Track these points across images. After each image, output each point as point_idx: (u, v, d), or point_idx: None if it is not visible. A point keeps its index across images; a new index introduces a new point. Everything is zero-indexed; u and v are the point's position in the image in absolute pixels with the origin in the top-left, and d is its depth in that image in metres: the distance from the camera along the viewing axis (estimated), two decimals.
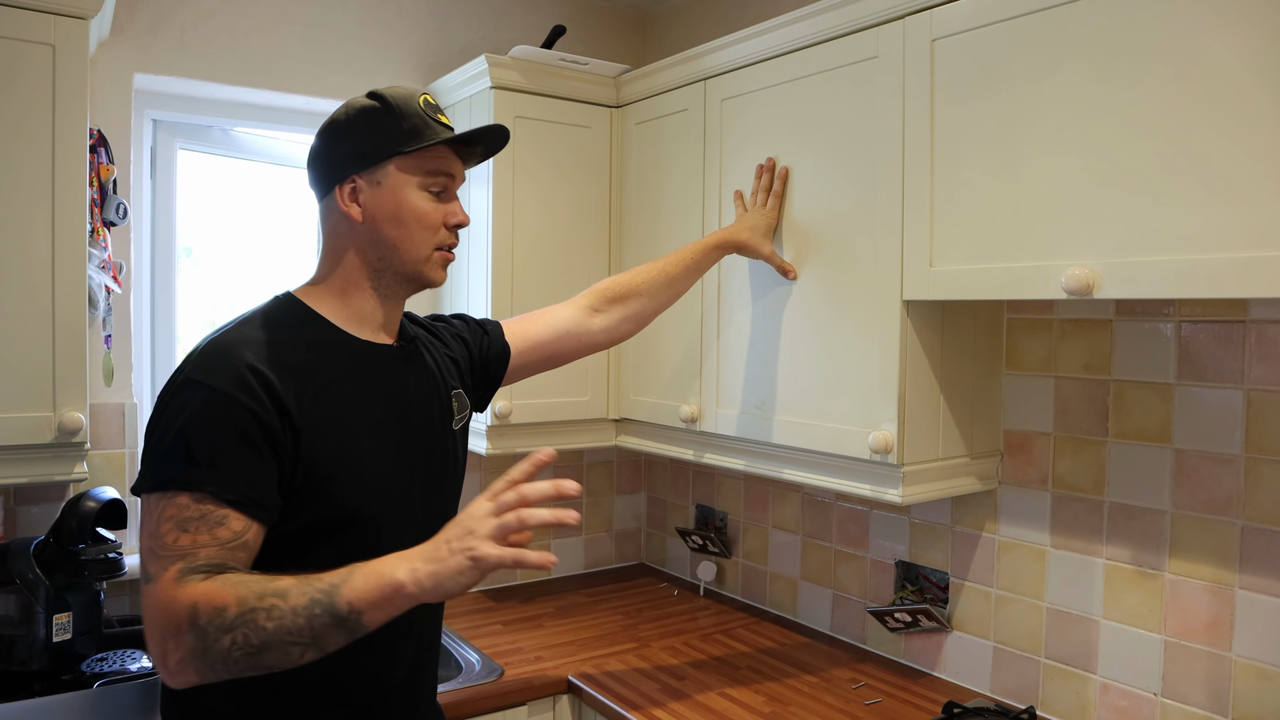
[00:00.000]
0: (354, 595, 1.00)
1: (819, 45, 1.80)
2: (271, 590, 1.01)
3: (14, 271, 1.65)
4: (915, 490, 1.70)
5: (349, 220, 1.26)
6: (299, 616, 1.00)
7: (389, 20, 2.42)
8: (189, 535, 1.06)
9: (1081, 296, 1.35)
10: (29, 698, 1.63)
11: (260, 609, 1.00)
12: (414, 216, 1.26)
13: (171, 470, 1.08)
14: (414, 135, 1.24)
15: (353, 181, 1.26)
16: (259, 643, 1.00)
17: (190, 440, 1.08)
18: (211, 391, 1.10)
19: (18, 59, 1.64)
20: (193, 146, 2.36)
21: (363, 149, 1.25)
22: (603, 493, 2.85)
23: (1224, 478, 1.56)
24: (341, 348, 1.26)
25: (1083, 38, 1.37)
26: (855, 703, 1.87)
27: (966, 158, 1.54)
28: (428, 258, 1.29)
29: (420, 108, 1.27)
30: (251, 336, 1.19)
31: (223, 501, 1.08)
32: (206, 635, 1.00)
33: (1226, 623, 1.55)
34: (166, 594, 1.03)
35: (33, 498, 2.01)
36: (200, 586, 1.02)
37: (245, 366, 1.13)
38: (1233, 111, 1.21)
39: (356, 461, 1.21)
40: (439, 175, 1.27)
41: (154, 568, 1.05)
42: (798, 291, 1.87)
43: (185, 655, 1.01)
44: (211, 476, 1.07)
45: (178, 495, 1.07)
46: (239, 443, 1.10)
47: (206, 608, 1.00)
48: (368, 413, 1.25)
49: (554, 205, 2.30)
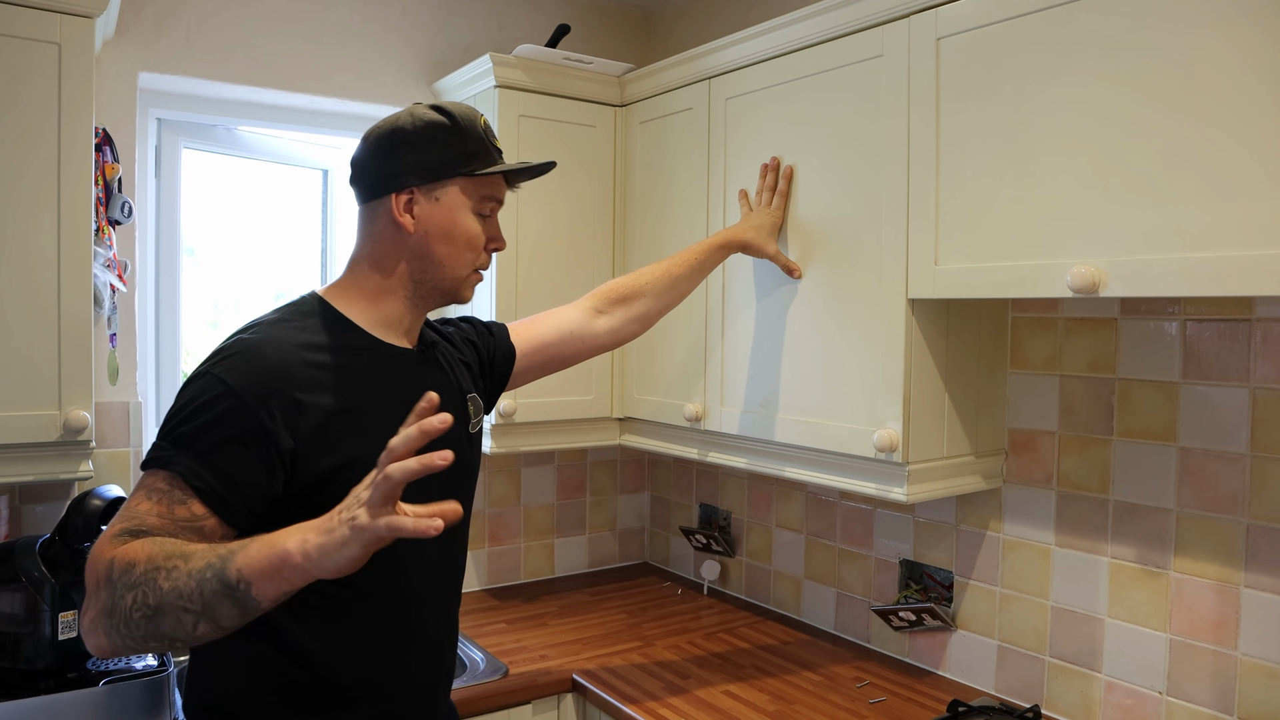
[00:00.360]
0: (245, 563, 0.93)
1: (823, 44, 1.80)
2: (179, 552, 0.97)
3: (19, 270, 1.65)
4: (920, 489, 1.70)
5: (399, 229, 1.27)
6: (191, 579, 0.94)
7: (393, 19, 2.42)
8: (149, 503, 1.06)
9: (1088, 295, 1.35)
10: (35, 695, 1.63)
11: (163, 569, 0.96)
12: (465, 236, 1.29)
13: (160, 452, 1.09)
14: (478, 158, 1.28)
15: (411, 193, 1.27)
16: (154, 604, 0.95)
17: (187, 427, 1.10)
18: (227, 390, 1.11)
19: (23, 57, 1.65)
20: (197, 145, 2.36)
21: (427, 163, 1.26)
22: (606, 492, 2.85)
23: (1229, 476, 1.55)
24: (368, 352, 1.27)
25: (1088, 36, 1.37)
26: (860, 701, 1.87)
27: (972, 156, 1.54)
28: (466, 277, 1.32)
29: (482, 131, 1.30)
30: (280, 339, 1.19)
31: (190, 486, 1.07)
32: (115, 591, 0.97)
33: (1232, 621, 1.55)
34: (97, 549, 1.02)
35: (38, 496, 2.02)
36: (125, 545, 1.00)
37: (262, 361, 1.14)
38: (1238, 110, 1.21)
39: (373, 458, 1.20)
40: (492, 200, 1.32)
41: (112, 527, 1.05)
42: (802, 290, 1.87)
43: (97, 613, 0.99)
44: (187, 461, 1.08)
45: (157, 473, 1.08)
46: (233, 444, 1.10)
47: (121, 563, 0.98)
48: (392, 417, 1.22)
49: (558, 204, 2.30)
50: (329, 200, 2.61)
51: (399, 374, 1.29)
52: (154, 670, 1.76)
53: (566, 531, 2.77)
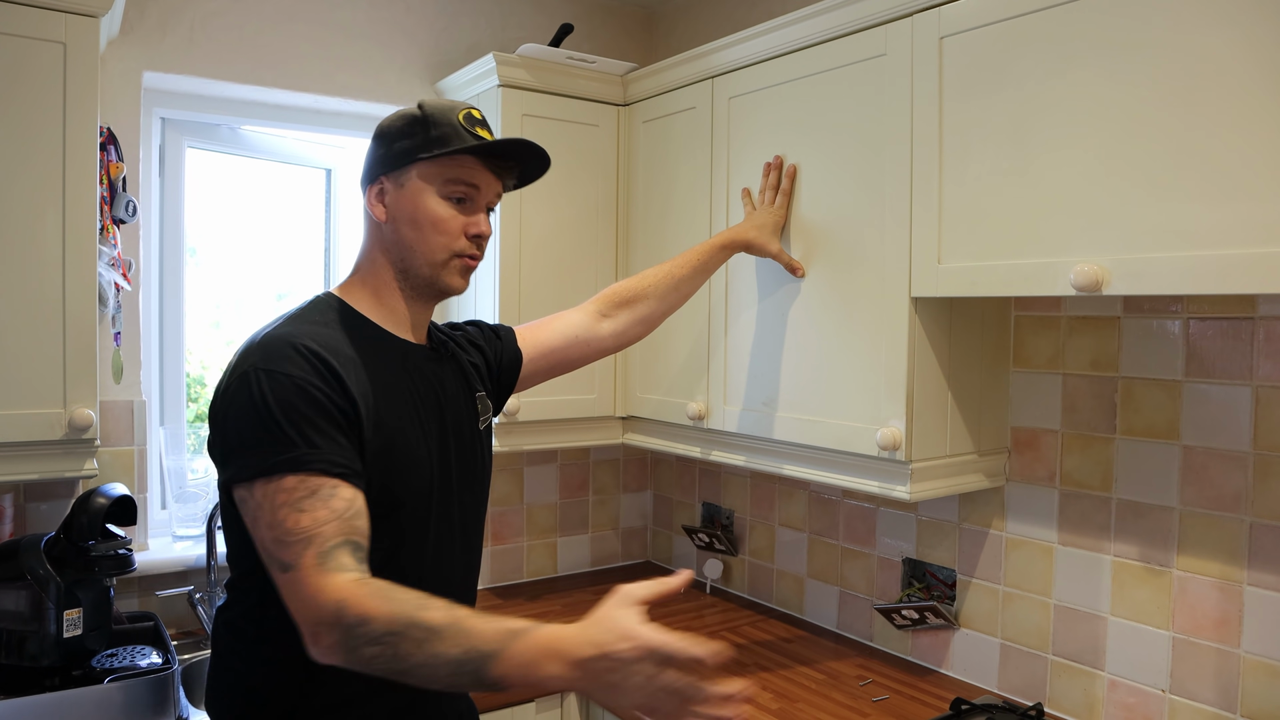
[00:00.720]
0: (506, 671, 0.96)
1: (827, 43, 1.80)
2: (424, 621, 0.99)
3: (25, 269, 1.66)
4: (923, 487, 1.70)
5: (376, 221, 1.31)
6: (448, 665, 0.97)
7: (397, 18, 2.42)
8: (308, 514, 1.07)
9: (1091, 293, 1.35)
10: (41, 693, 1.63)
11: (410, 638, 0.98)
12: (429, 220, 1.28)
13: (271, 456, 1.09)
14: (439, 142, 1.27)
15: (381, 183, 1.30)
16: (403, 668, 1.00)
17: (279, 423, 1.10)
18: (284, 376, 1.13)
19: (29, 57, 1.65)
20: (201, 145, 2.37)
21: (394, 152, 1.29)
22: (609, 490, 2.85)
23: (1232, 474, 1.56)
24: (386, 345, 1.30)
25: (1091, 35, 1.37)
26: (863, 699, 1.87)
27: (974, 155, 1.54)
28: (444, 262, 1.30)
29: (457, 119, 1.29)
30: (307, 331, 1.21)
31: (328, 475, 1.10)
32: (352, 638, 1.00)
33: (1235, 619, 1.55)
34: (311, 583, 1.03)
35: (43, 494, 2.02)
36: (349, 587, 1.02)
37: (311, 354, 1.16)
38: (1241, 108, 1.21)
39: (407, 454, 1.24)
40: (459, 184, 1.29)
41: (288, 555, 1.06)
42: (805, 289, 1.87)
43: (334, 645, 1.02)
44: (312, 454, 1.10)
45: (283, 479, 1.08)
46: (325, 420, 1.13)
47: (353, 613, 1.00)
48: (413, 408, 1.28)
49: (561, 203, 2.30)
50: (332, 199, 2.61)
51: (416, 366, 1.32)
52: (159, 668, 1.77)
53: (569, 530, 2.78)
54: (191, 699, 1.97)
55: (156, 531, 2.25)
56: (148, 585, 2.14)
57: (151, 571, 2.12)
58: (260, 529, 1.09)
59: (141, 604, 2.13)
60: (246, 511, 1.12)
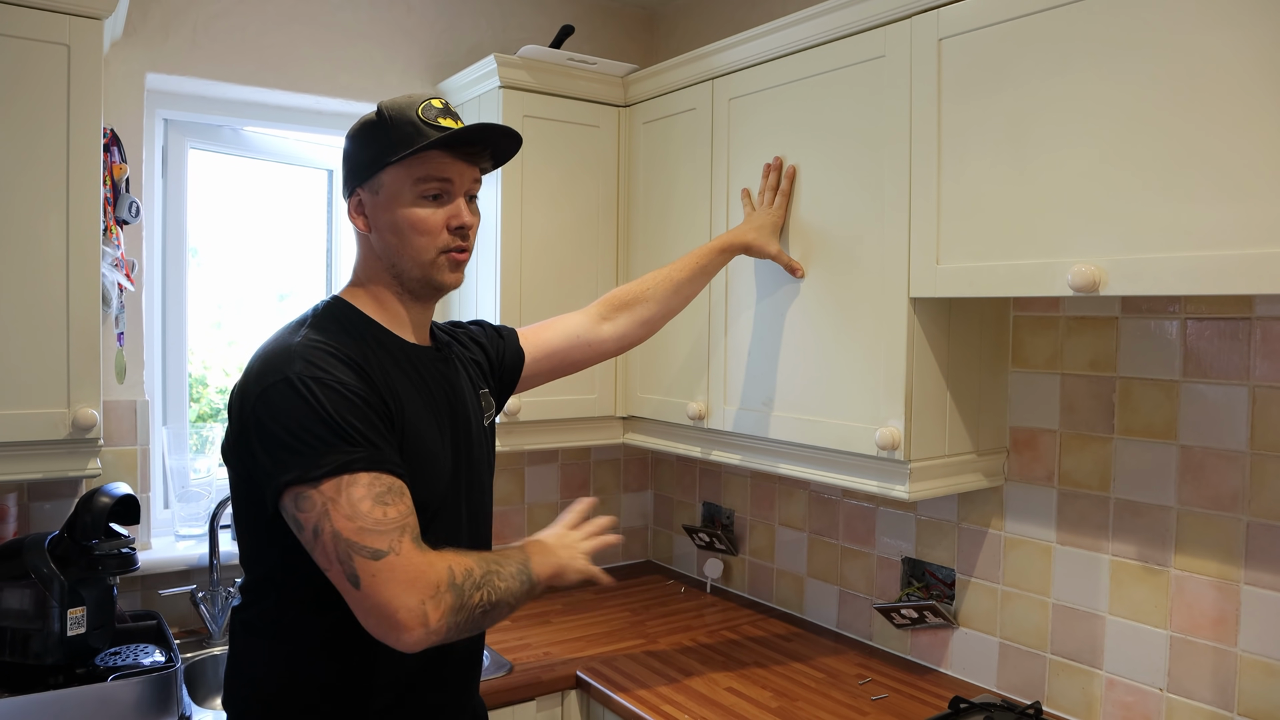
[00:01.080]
0: (540, 573, 1.27)
1: (826, 44, 1.81)
2: (492, 559, 1.21)
3: (29, 269, 1.67)
4: (922, 486, 1.71)
5: (361, 233, 1.33)
6: (515, 580, 1.21)
7: (398, 20, 2.43)
8: (394, 507, 1.13)
9: (1088, 293, 1.36)
10: (45, 691, 1.64)
11: (493, 571, 1.18)
12: (409, 224, 1.28)
13: (342, 455, 1.12)
14: (402, 144, 1.25)
15: (357, 195, 1.32)
16: (494, 601, 1.16)
17: (341, 426, 1.13)
18: (337, 383, 1.16)
19: (33, 59, 1.66)
20: (203, 145, 2.38)
21: (361, 162, 1.30)
22: (610, 490, 2.86)
23: (1229, 474, 1.56)
24: (396, 348, 1.32)
25: (1088, 36, 1.38)
26: (862, 698, 1.88)
27: (973, 156, 1.55)
28: (432, 261, 1.30)
29: (416, 115, 1.26)
30: (333, 340, 1.23)
31: (396, 474, 1.16)
32: (464, 592, 1.13)
33: (1232, 618, 1.56)
34: (417, 561, 1.11)
35: (46, 494, 2.03)
36: (446, 552, 1.15)
37: (346, 359, 1.20)
38: (1238, 109, 1.22)
39: (426, 454, 1.27)
40: (430, 181, 1.27)
41: (384, 542, 1.10)
42: (805, 289, 1.88)
43: (445, 611, 1.11)
44: (379, 454, 1.15)
45: (357, 475, 1.12)
46: (377, 421, 1.18)
47: (460, 569, 1.14)
48: (428, 409, 1.31)
49: (562, 204, 2.31)
50: (334, 200, 2.62)
51: (424, 368, 1.34)
52: (162, 666, 1.78)
53: None
54: (194, 697, 1.98)
55: (159, 531, 2.26)
56: (151, 584, 2.15)
57: (154, 570, 2.13)
58: (337, 522, 1.10)
59: (144, 603, 2.14)
60: (309, 511, 1.11)
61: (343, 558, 1.10)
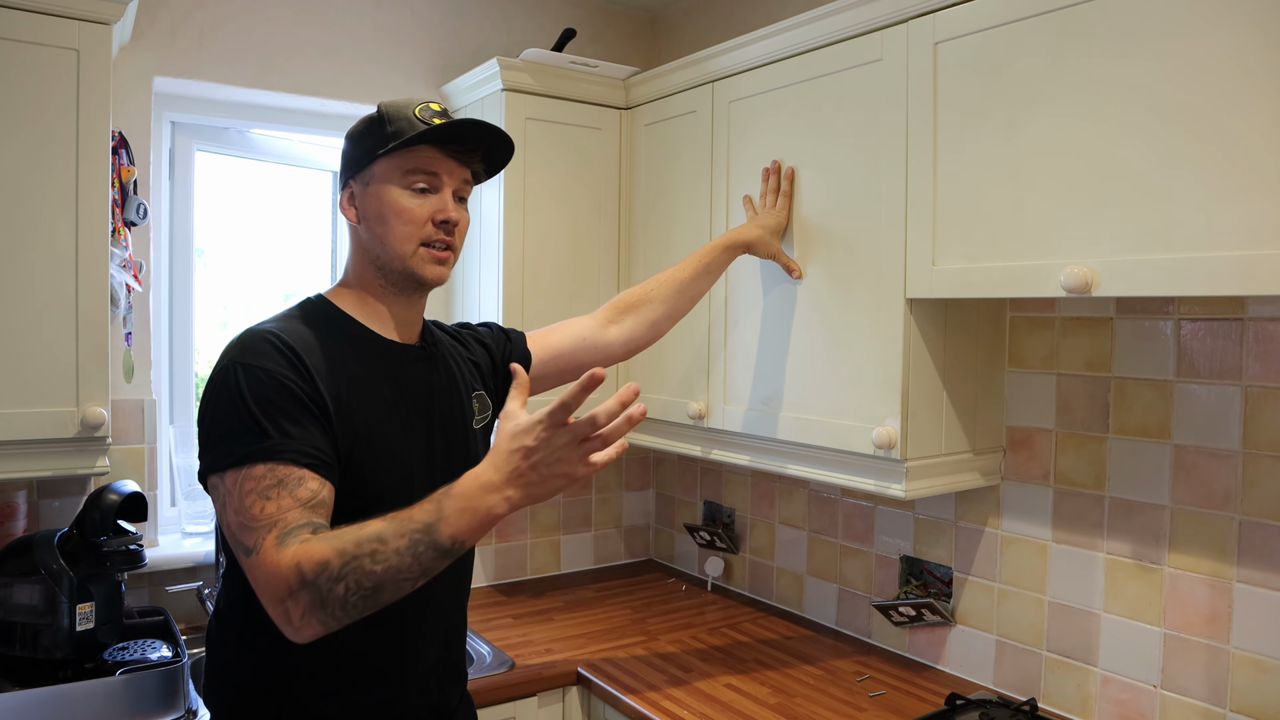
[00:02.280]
0: (454, 530, 1.06)
1: (824, 48, 1.83)
2: (367, 536, 1.06)
3: (39, 270, 1.70)
4: (918, 485, 1.72)
5: (351, 224, 1.36)
6: (404, 556, 1.05)
7: (402, 23, 2.46)
8: (273, 502, 1.11)
9: (1080, 294, 1.38)
10: (53, 685, 1.67)
11: (363, 555, 1.05)
12: (393, 212, 1.31)
13: (243, 446, 1.13)
14: (394, 136, 1.30)
15: (350, 187, 1.36)
16: (372, 585, 1.06)
17: (253, 414, 1.15)
18: (260, 370, 1.18)
19: (43, 64, 1.69)
20: (210, 148, 2.41)
21: (356, 154, 1.34)
22: (612, 489, 2.88)
23: (1222, 473, 1.58)
24: (369, 344, 1.33)
25: (1082, 40, 1.40)
26: (859, 695, 1.90)
27: (968, 158, 1.57)
28: (413, 253, 1.32)
29: (412, 113, 1.31)
30: (286, 328, 1.26)
31: (296, 464, 1.14)
32: (319, 588, 1.05)
33: (1224, 616, 1.58)
34: (271, 561, 1.08)
35: (56, 491, 2.06)
36: (299, 549, 1.07)
37: (284, 347, 1.21)
38: (1230, 112, 1.24)
39: (385, 448, 1.28)
40: (418, 173, 1.31)
41: (251, 539, 1.10)
42: (804, 290, 1.90)
43: (305, 609, 1.07)
44: (282, 444, 1.14)
45: (253, 468, 1.12)
46: (298, 410, 1.17)
47: (309, 564, 1.06)
48: (394, 405, 1.32)
49: (564, 205, 2.33)
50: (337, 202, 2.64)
51: (400, 367, 1.35)
52: (169, 661, 1.80)
53: (572, 528, 2.81)
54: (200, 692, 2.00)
55: (166, 528, 2.29)
56: (158, 580, 2.17)
57: (162, 567, 2.16)
58: (228, 515, 1.13)
59: (152, 599, 2.17)
60: (217, 499, 1.16)
61: (234, 550, 1.14)
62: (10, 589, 1.72)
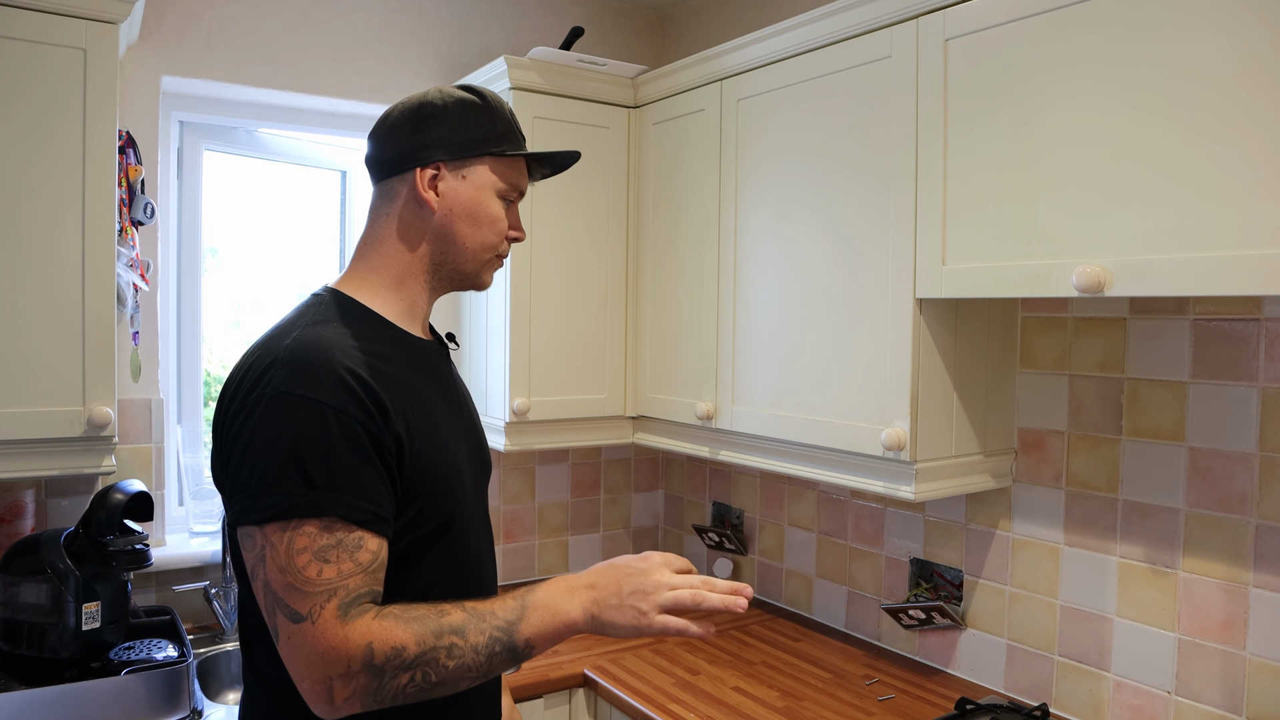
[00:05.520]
0: (532, 633, 1.03)
1: (833, 45, 1.81)
2: (448, 627, 1.00)
3: (46, 269, 1.70)
4: (928, 487, 1.71)
5: (422, 207, 1.20)
6: (479, 654, 1.01)
7: (410, 22, 2.45)
8: (332, 566, 0.99)
9: (1093, 294, 1.35)
10: (60, 684, 1.67)
11: (440, 648, 0.99)
12: (489, 218, 1.23)
13: (291, 496, 0.99)
14: (507, 139, 1.23)
15: (437, 168, 1.20)
16: (437, 680, 0.99)
17: (304, 461, 1.00)
18: (316, 405, 1.01)
19: (50, 63, 1.69)
20: (218, 147, 2.41)
21: (458, 139, 1.20)
22: (620, 490, 2.87)
23: (1238, 476, 1.55)
24: (403, 345, 1.20)
25: (1094, 36, 1.38)
26: (869, 698, 1.88)
27: (979, 156, 1.55)
28: (488, 261, 1.26)
29: (509, 115, 1.26)
30: (330, 338, 1.09)
31: (354, 523, 1.01)
32: (383, 674, 0.97)
33: (1240, 621, 1.55)
34: (333, 634, 0.97)
35: (62, 490, 2.06)
36: (372, 625, 0.98)
37: (345, 371, 1.05)
38: (1245, 110, 1.21)
39: (444, 464, 1.16)
40: (516, 187, 1.26)
41: (304, 605, 0.97)
42: (812, 290, 1.88)
43: (354, 693, 0.98)
44: (338, 498, 1.00)
45: (304, 524, 0.99)
46: (354, 457, 1.02)
47: (383, 648, 0.97)
48: (439, 412, 1.20)
49: (572, 205, 2.32)
50: (346, 201, 2.64)
51: (430, 364, 1.25)
52: (175, 660, 1.80)
53: (581, 529, 2.80)
54: (206, 691, 2.00)
55: (173, 528, 2.29)
56: (164, 580, 2.18)
57: (168, 567, 2.16)
58: (270, 573, 0.99)
59: (158, 598, 2.17)
60: (252, 551, 1.01)
61: (269, 610, 1.00)
62: (17, 588, 1.72)
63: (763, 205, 1.99)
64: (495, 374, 2.29)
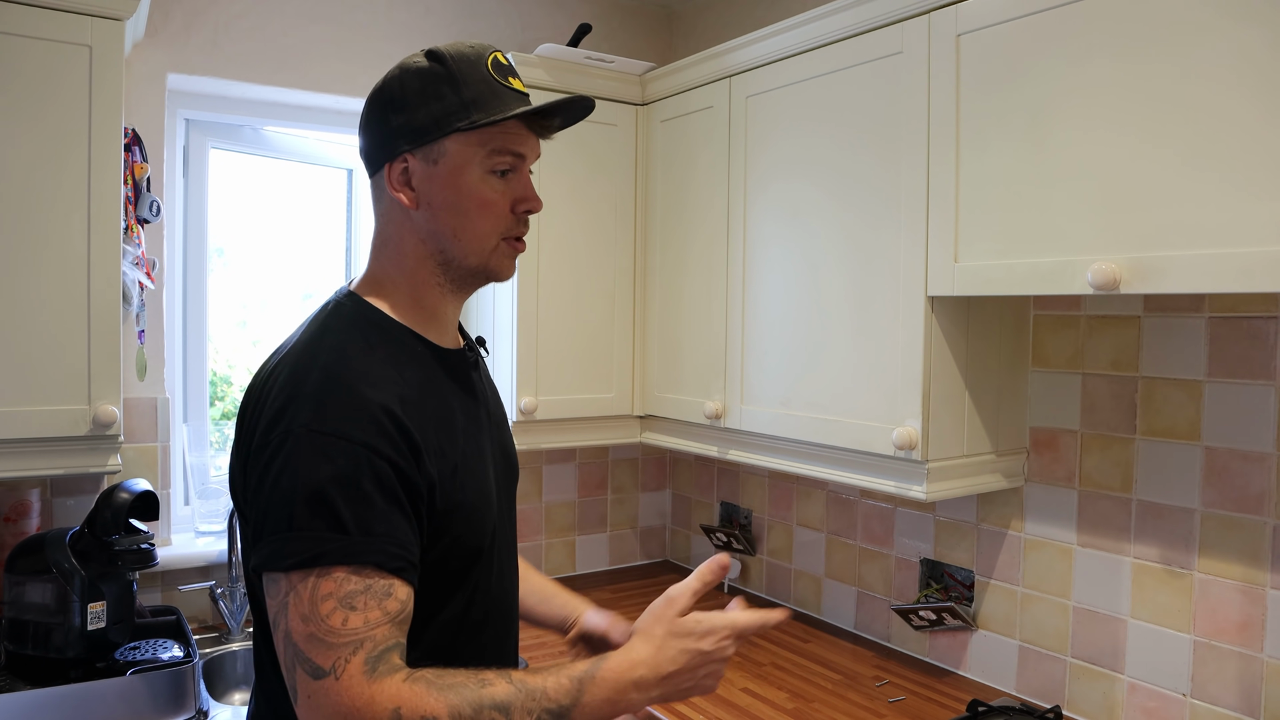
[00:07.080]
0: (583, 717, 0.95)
1: (843, 41, 1.79)
2: (489, 701, 0.91)
3: (51, 267, 1.69)
4: (939, 487, 1.69)
5: (401, 206, 1.08)
6: None
7: (416, 20, 2.44)
8: (359, 614, 0.91)
9: (1108, 292, 1.34)
10: (65, 684, 1.66)
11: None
12: (476, 203, 1.06)
13: (323, 541, 0.91)
14: (477, 106, 1.04)
15: (404, 160, 1.07)
16: None
17: (335, 503, 0.92)
18: (346, 443, 0.94)
19: (56, 60, 1.68)
20: (224, 145, 2.40)
21: (418, 121, 1.05)
22: (628, 489, 2.85)
23: (1254, 476, 1.53)
24: (431, 361, 1.09)
25: (1108, 31, 1.36)
26: (879, 700, 1.87)
27: (991, 153, 1.53)
28: (494, 248, 1.10)
29: (488, 71, 1.06)
30: (359, 367, 1.00)
31: (387, 570, 0.93)
32: None
33: (1257, 623, 1.53)
34: (358, 693, 0.88)
35: (68, 489, 2.06)
36: (402, 688, 0.89)
37: (378, 409, 0.96)
38: (1262, 103, 1.20)
39: (474, 496, 1.08)
40: (506, 154, 1.07)
41: (327, 659, 0.89)
42: (822, 287, 1.86)
43: None
44: (370, 544, 0.92)
45: (331, 570, 0.91)
46: (386, 500, 0.95)
47: (412, 715, 0.88)
48: (469, 436, 1.10)
49: (580, 202, 2.31)
50: (353, 199, 2.64)
51: (463, 382, 1.14)
52: (180, 661, 1.79)
53: (588, 529, 2.78)
54: (212, 692, 1.99)
55: (179, 527, 2.28)
56: (170, 580, 2.17)
57: (174, 566, 2.15)
58: (292, 621, 0.91)
59: (164, 598, 2.16)
60: (275, 598, 0.93)
61: (288, 663, 0.92)
62: (22, 587, 1.72)
63: (772, 202, 1.98)
64: (502, 373, 2.28)
